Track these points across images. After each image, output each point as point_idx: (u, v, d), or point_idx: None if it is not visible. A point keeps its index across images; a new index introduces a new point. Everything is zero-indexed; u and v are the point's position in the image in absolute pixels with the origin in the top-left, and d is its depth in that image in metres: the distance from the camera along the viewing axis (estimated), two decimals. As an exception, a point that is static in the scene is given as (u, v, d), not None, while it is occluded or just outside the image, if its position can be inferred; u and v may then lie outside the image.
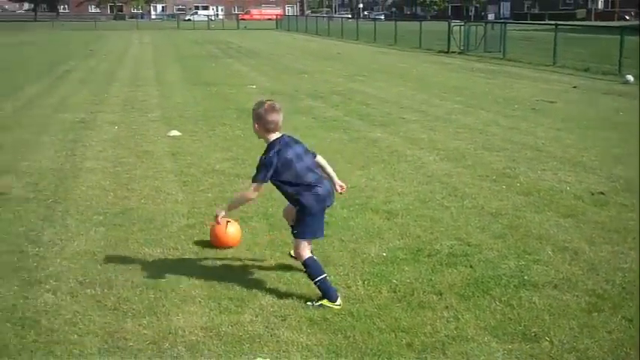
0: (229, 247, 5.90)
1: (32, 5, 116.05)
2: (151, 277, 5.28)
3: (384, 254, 5.76)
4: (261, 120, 4.81)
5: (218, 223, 5.15)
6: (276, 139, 4.85)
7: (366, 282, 5.19)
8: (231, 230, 5.92)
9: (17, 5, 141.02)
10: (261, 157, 4.83)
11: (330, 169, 5.13)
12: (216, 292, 5.01)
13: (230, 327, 4.47)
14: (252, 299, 4.88)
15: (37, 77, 20.96)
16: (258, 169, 4.81)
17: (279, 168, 4.78)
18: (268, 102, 4.91)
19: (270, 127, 4.82)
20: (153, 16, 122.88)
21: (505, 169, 8.76)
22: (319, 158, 5.08)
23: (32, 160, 9.34)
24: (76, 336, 4.34)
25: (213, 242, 5.95)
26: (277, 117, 4.82)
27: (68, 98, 16.15)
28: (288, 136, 4.97)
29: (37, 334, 4.37)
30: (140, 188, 7.87)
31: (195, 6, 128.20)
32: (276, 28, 71.73)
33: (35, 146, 10.30)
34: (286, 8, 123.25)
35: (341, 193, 5.20)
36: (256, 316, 4.63)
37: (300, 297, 4.91)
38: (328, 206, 4.99)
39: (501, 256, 5.73)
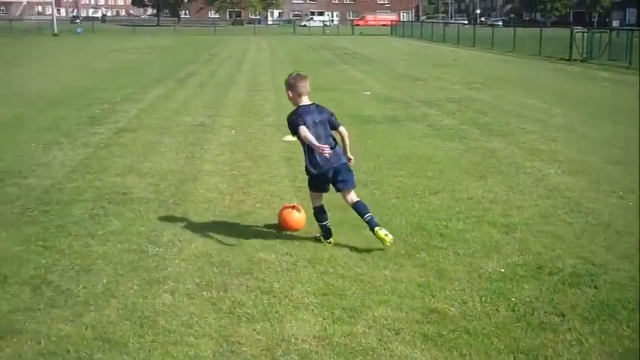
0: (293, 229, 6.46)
1: (155, 10, 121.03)
2: (265, 281, 5.32)
3: (503, 270, 5.56)
4: (293, 87, 5.90)
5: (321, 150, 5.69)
6: (304, 105, 5.89)
7: (483, 298, 5.01)
8: (297, 215, 6.50)
9: (141, 10, 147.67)
10: (288, 116, 5.92)
11: (347, 142, 6.10)
12: (329, 300, 4.97)
13: (343, 338, 4.42)
14: (365, 310, 4.81)
15: (159, 80, 21.77)
16: (291, 124, 5.84)
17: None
18: (296, 72, 6.06)
19: (301, 91, 5.88)
20: (270, 22, 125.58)
21: (632, 184, 8.29)
22: (342, 129, 6.08)
23: (154, 161, 9.66)
24: (192, 338, 4.41)
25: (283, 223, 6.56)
26: (305, 83, 5.91)
27: (188, 102, 16.66)
28: (316, 105, 5.99)
29: (155, 334, 4.46)
30: (256, 192, 7.97)
31: (311, 12, 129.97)
32: (391, 34, 71.67)
33: (157, 148, 10.66)
34: (401, 14, 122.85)
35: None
36: (369, 328, 4.56)
37: (414, 310, 4.81)
38: (329, 170, 5.91)
39: (629, 277, 5.41)
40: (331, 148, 5.80)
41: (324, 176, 5.95)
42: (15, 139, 11.31)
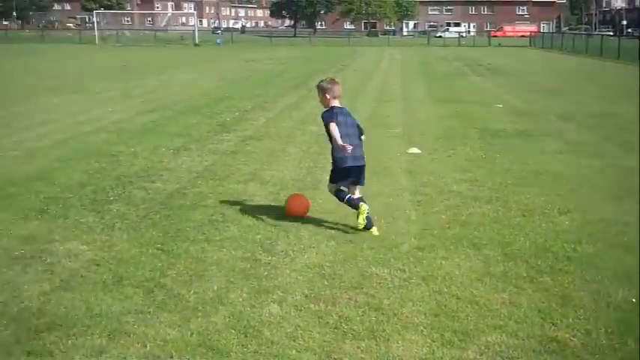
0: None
1: (292, 22, 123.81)
2: (374, 297, 5.15)
3: (634, 300, 5.11)
4: (327, 90, 6.60)
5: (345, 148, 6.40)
6: (337, 106, 6.60)
7: (609, 330, 4.61)
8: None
9: (279, 22, 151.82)
10: (322, 113, 6.63)
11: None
12: (440, 322, 4.74)
13: (451, 363, 4.18)
14: (477, 334, 4.54)
15: (290, 90, 22.11)
16: (325, 119, 6.53)
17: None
18: (328, 78, 6.84)
19: (335, 94, 6.61)
20: (404, 33, 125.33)
21: None
22: (362, 137, 6.79)
23: (277, 169, 9.73)
24: (294, 351, 4.31)
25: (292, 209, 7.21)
26: (337, 86, 6.65)
27: (316, 111, 16.72)
28: (347, 109, 6.75)
29: (259, 344, 4.40)
30: (374, 204, 7.74)
31: (447, 23, 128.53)
32: (530, 45, 69.55)
33: (281, 156, 10.75)
34: (541, 25, 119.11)
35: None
36: (481, 354, 4.29)
37: (531, 337, 4.49)
38: (353, 167, 6.61)
39: None
40: (356, 147, 6.52)
41: (346, 171, 6.62)
42: (148, 143, 11.75)
